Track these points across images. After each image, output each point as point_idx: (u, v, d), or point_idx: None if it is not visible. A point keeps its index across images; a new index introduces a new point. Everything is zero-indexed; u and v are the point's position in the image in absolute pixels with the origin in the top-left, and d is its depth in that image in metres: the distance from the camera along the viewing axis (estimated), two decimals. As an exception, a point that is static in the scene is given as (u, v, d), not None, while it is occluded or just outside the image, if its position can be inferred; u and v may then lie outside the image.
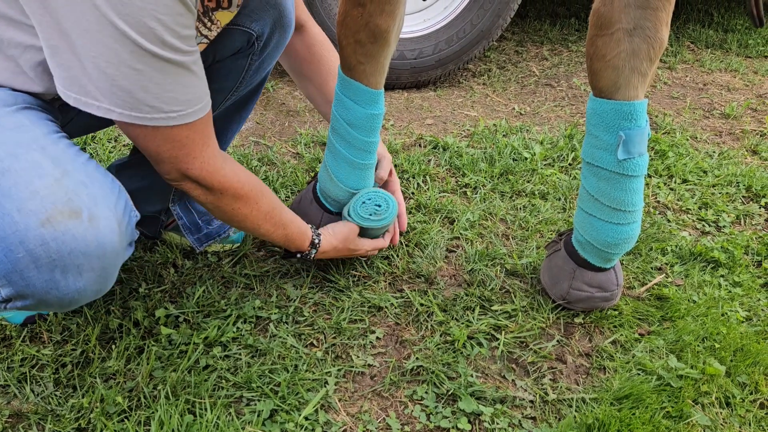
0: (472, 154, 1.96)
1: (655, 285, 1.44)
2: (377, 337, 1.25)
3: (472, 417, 1.09)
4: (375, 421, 1.08)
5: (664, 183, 1.90)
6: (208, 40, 1.06)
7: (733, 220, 1.74)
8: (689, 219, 1.74)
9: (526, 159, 1.96)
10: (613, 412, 1.08)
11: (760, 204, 1.83)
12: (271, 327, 1.25)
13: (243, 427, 1.04)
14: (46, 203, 0.78)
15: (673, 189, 1.87)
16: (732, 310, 1.37)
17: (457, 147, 2.00)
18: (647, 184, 1.89)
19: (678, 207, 1.79)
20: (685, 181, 1.92)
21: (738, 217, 1.76)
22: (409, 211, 1.65)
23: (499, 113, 2.39)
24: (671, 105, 2.55)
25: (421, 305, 1.33)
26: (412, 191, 1.76)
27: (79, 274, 0.82)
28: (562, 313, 1.33)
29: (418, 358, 1.20)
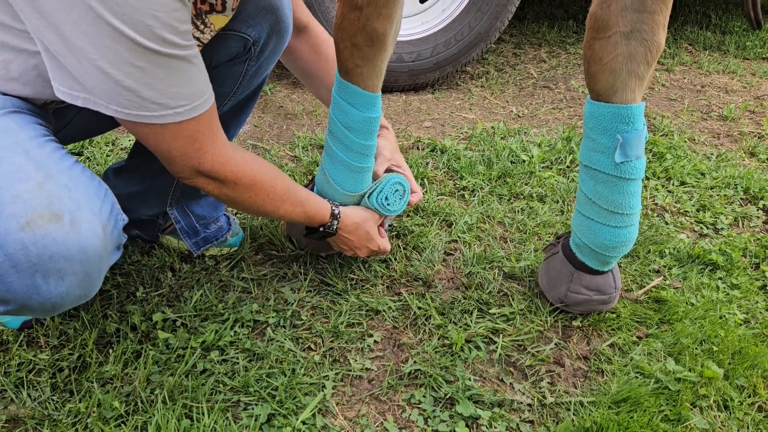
0: (470, 156, 1.96)
1: (653, 288, 1.43)
2: (375, 341, 1.25)
3: (469, 421, 1.09)
4: (373, 425, 1.07)
5: (662, 185, 1.90)
6: (201, 44, 1.06)
7: (731, 223, 1.75)
8: (687, 221, 1.74)
9: (524, 161, 1.96)
10: (611, 416, 1.08)
11: (758, 206, 1.83)
12: (269, 331, 1.24)
13: (240, 431, 1.03)
14: (27, 207, 0.78)
15: (670, 191, 1.87)
16: (730, 313, 1.37)
17: (455, 150, 2.00)
18: (645, 186, 1.89)
19: (676, 209, 1.79)
20: (682, 183, 1.92)
21: (736, 219, 1.76)
22: (407, 214, 1.65)
23: (497, 116, 2.39)
24: (669, 107, 2.55)
25: (419, 308, 1.33)
26: (410, 194, 1.75)
27: (60, 279, 0.81)
28: (560, 316, 1.33)
29: (415, 362, 1.20)
